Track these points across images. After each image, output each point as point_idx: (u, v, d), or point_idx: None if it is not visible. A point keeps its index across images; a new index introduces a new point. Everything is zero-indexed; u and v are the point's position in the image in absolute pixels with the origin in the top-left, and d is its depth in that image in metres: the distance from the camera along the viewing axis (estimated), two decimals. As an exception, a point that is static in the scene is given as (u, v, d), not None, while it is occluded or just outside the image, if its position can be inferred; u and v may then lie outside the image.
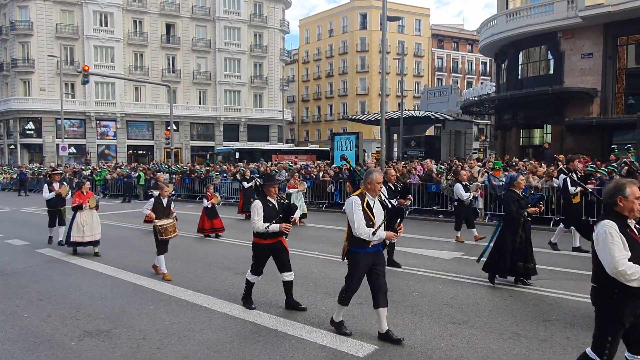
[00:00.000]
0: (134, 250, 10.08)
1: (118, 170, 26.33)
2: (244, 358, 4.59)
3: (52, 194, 10.35)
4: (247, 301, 6.07)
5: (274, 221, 5.64)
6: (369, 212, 4.69)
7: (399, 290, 6.81)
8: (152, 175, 20.45)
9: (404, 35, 58.81)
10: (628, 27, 22.20)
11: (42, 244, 10.69)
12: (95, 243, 9.32)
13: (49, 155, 40.75)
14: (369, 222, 4.65)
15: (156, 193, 12.19)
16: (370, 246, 4.75)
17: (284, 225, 5.69)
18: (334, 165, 20.85)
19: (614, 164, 13.18)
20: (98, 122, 43.73)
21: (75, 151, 42.24)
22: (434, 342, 4.89)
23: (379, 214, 4.76)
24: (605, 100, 23.22)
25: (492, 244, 7.14)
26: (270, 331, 5.27)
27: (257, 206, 5.72)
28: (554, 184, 12.58)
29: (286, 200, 6.23)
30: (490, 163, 16.03)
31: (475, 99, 32.15)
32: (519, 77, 27.53)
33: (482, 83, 48.71)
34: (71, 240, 9.24)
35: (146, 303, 6.35)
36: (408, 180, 14.71)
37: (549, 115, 25.24)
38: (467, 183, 11.16)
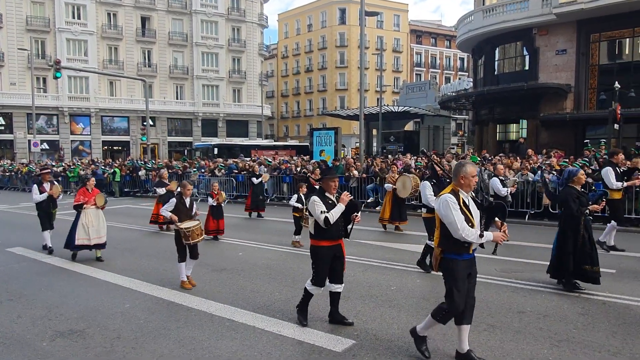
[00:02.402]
0: (108, 248, 9.84)
1: (92, 166, 25.77)
2: (220, 355, 4.54)
3: (44, 196, 9.24)
4: (301, 312, 5.28)
5: (332, 214, 4.97)
6: (467, 211, 4.03)
7: (377, 284, 6.84)
8: (156, 172, 19.61)
9: (383, 31, 59.01)
10: (600, 24, 22.73)
11: (11, 243, 10.38)
12: (101, 246, 8.53)
13: (20, 152, 39.62)
14: (469, 222, 4.00)
15: (161, 191, 11.96)
16: (470, 252, 4.13)
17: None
18: (313, 161, 20.83)
19: (586, 159, 13.53)
20: (71, 117, 42.70)
21: (47, 147, 41.17)
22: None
23: (476, 213, 4.11)
24: (579, 96, 23.77)
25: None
26: (247, 327, 5.22)
27: (316, 200, 4.97)
28: (529, 178, 12.83)
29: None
30: (469, 157, 16.23)
31: (453, 94, 32.56)
32: (496, 72, 27.95)
33: (459, 79, 49.31)
34: (76, 243, 8.31)
35: (121, 302, 6.23)
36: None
37: (525, 110, 25.71)
38: (504, 177, 10.47)
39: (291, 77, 65.11)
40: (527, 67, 25.85)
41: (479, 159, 15.96)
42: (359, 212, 5.21)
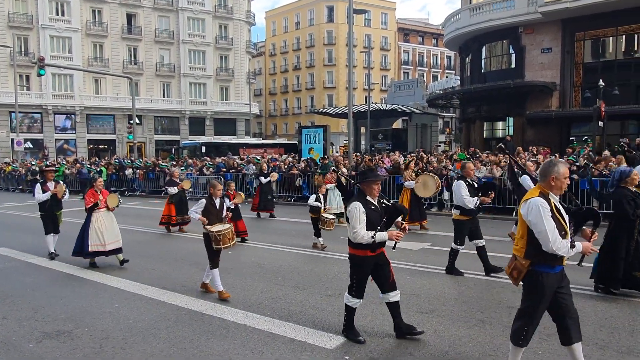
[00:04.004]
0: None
1: (77, 165, 25.42)
2: (212, 354, 4.51)
3: (47, 195, 8.62)
4: (351, 332, 4.76)
5: (378, 228, 4.48)
6: (559, 217, 3.53)
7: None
8: (166, 172, 18.94)
9: (371, 29, 59.11)
10: (585, 23, 23.06)
11: (-3, 243, 10.19)
12: (118, 250, 7.98)
13: (3, 151, 38.92)
14: (562, 231, 3.49)
15: (173, 190, 11.59)
16: (563, 263, 3.64)
17: (394, 233, 4.56)
18: (303, 159, 20.81)
19: (573, 156, 13.71)
20: (56, 115, 42.05)
21: (31, 146, 40.50)
22: (403, 332, 4.93)
23: (566, 218, 3.61)
24: (564, 93, 24.09)
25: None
26: (238, 326, 5.19)
27: (357, 210, 4.43)
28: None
29: (391, 201, 4.92)
30: (456, 155, 16.35)
31: (441, 92, 32.76)
32: (482, 70, 28.20)
33: (447, 77, 49.60)
34: (89, 250, 7.76)
35: (109, 302, 6.15)
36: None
37: (511, 108, 25.99)
38: (535, 176, 10.16)
39: (279, 75, 64.90)
40: (513, 65, 26.13)
41: (467, 156, 16.07)
42: (405, 219, 4.79)
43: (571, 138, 21.97)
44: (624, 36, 23.02)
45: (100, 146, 44.53)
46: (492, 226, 10.76)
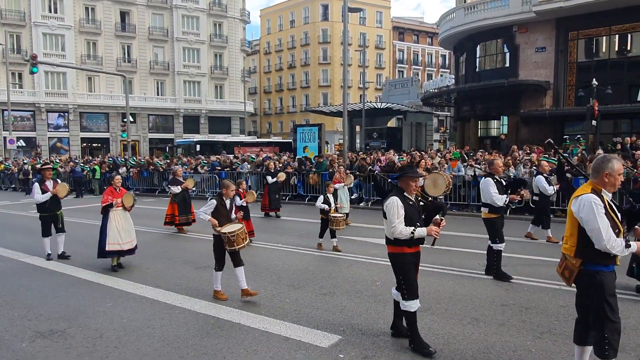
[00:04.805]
0: (89, 246, 9.65)
1: (71, 164, 25.26)
2: (206, 353, 4.49)
3: (47, 196, 8.28)
4: (419, 343, 4.41)
5: (417, 224, 4.35)
6: (613, 215, 3.39)
7: (362, 280, 6.86)
8: (169, 170, 18.45)
9: (366, 27, 59.08)
10: (578, 22, 23.16)
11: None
12: (132, 251, 7.78)
13: (-5, 149, 38.59)
14: (615, 229, 3.35)
15: (176, 190, 11.25)
16: (616, 263, 3.47)
17: (433, 229, 4.39)
18: (297, 157, 20.79)
19: (545, 155, 13.79)
20: (49, 113, 41.74)
21: (24, 144, 40.19)
22: (397, 330, 4.94)
23: (619, 216, 3.48)
24: (558, 92, 24.19)
25: None
26: (232, 325, 5.18)
27: (395, 205, 4.32)
28: (510, 174, 13.01)
29: (429, 198, 4.85)
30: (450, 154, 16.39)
31: (435, 91, 32.81)
32: (477, 69, 28.25)
33: (441, 75, 49.65)
34: (107, 249, 7.50)
35: (102, 300, 6.12)
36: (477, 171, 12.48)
37: (506, 107, 26.07)
38: (549, 175, 9.73)
39: (274, 73, 64.76)
40: (507, 64, 26.19)
41: (461, 154, 16.11)
42: (444, 216, 4.62)
43: (565, 137, 22.06)
44: (617, 35, 23.13)
45: (94, 144, 44.26)
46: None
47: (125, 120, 26.88)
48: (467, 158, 15.08)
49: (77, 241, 8.85)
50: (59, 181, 9.02)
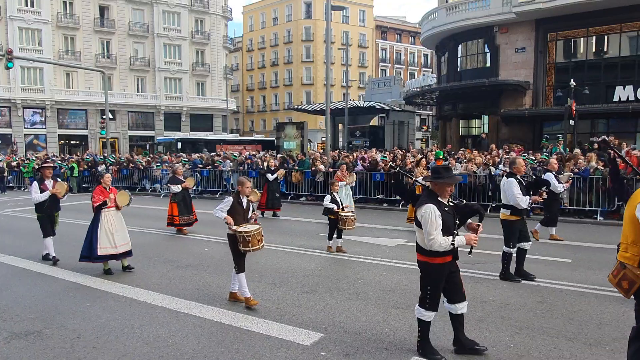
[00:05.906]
0: (68, 245, 9.47)
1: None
2: (186, 352, 4.44)
3: (46, 195, 7.90)
4: (428, 351, 4.30)
5: (455, 232, 4.11)
6: None
7: (345, 277, 6.88)
8: (170, 167, 17.58)
9: (349, 26, 59.15)
10: (557, 23, 23.62)
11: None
12: (128, 254, 7.37)
13: (-31, 146, 37.57)
14: None
15: (176, 189, 10.80)
16: None
17: (472, 237, 4.16)
18: (279, 155, 20.71)
19: (546, 154, 14.02)
20: (25, 109, 40.76)
21: (-1, 141, 39.23)
22: (379, 327, 4.97)
23: None
24: (537, 92, 24.64)
25: None
26: (214, 324, 5.14)
27: (432, 214, 3.99)
28: (492, 172, 13.17)
29: (461, 200, 4.58)
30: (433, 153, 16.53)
31: (418, 90, 33.09)
32: (458, 69, 28.57)
33: (424, 75, 50.09)
34: (98, 253, 7.02)
35: (80, 300, 6.00)
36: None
37: (486, 106, 26.44)
38: (557, 173, 9.55)
39: (257, 71, 64.42)
40: (488, 64, 26.57)
41: (444, 153, 16.27)
42: (482, 220, 4.35)
43: (545, 136, 22.50)
44: (594, 37, 23.66)
45: (72, 142, 43.41)
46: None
47: (104, 117, 26.36)
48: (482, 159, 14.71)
49: (54, 240, 8.65)
50: (59, 180, 8.63)
